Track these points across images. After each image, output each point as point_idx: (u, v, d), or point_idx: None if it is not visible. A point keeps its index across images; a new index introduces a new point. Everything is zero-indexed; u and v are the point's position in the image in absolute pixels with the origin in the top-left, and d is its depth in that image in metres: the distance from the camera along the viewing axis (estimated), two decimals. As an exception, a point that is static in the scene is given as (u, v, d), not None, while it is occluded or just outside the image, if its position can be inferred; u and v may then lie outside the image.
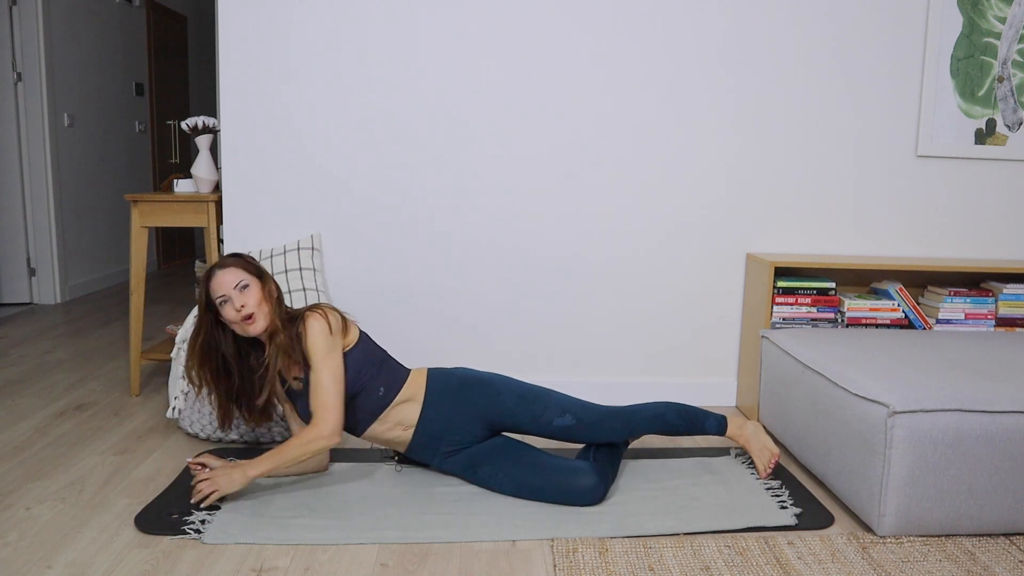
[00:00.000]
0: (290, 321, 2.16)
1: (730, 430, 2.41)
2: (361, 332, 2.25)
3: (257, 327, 2.10)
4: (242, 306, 2.07)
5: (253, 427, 2.46)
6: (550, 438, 2.27)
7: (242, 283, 2.10)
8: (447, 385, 2.25)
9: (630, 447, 2.59)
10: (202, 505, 2.05)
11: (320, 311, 2.14)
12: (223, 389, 2.22)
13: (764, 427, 2.80)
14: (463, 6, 2.86)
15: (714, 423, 2.37)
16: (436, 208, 2.97)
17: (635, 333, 3.08)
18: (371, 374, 2.20)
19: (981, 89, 3.03)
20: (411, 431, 2.24)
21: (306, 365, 2.14)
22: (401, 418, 2.23)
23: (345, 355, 2.18)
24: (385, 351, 2.28)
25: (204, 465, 2.16)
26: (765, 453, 2.39)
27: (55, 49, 4.81)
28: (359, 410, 2.20)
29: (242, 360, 2.22)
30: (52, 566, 1.78)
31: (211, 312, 2.15)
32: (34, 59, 4.65)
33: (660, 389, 3.09)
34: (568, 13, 2.89)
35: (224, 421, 2.27)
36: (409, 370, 2.29)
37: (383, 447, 2.54)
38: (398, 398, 2.22)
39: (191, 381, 2.21)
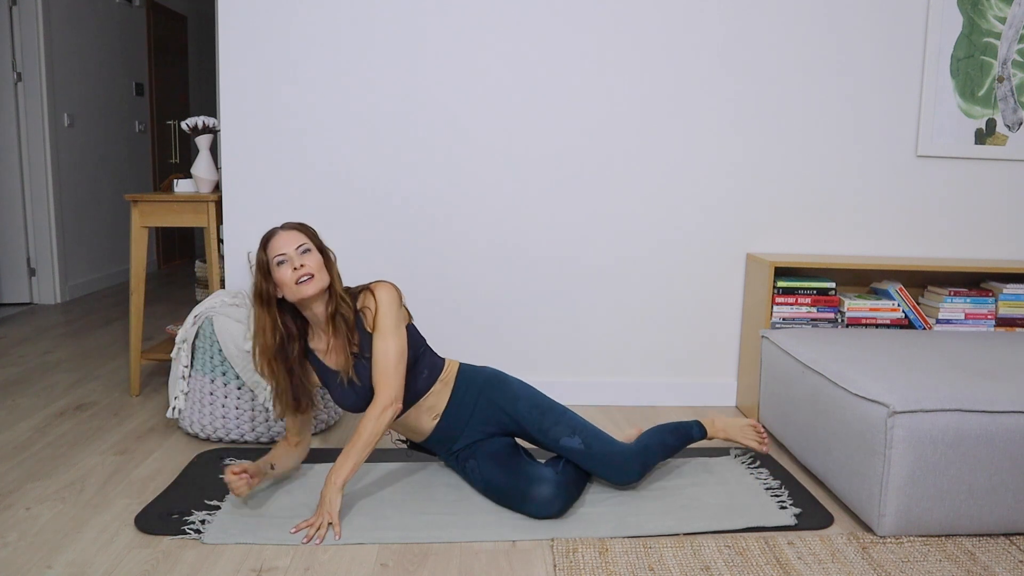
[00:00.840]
0: (350, 296, 2.12)
1: (710, 431, 2.43)
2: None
3: (311, 288, 2.01)
4: (301, 265, 2.01)
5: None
6: (558, 454, 2.21)
7: (304, 246, 2.05)
8: (474, 380, 2.26)
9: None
10: (323, 540, 1.94)
11: (388, 282, 2.13)
12: (285, 370, 2.11)
13: (765, 427, 2.81)
14: (465, 7, 2.86)
15: (697, 429, 2.39)
16: (437, 209, 2.97)
17: (635, 333, 3.08)
18: (419, 354, 2.20)
19: (981, 89, 3.03)
20: (436, 421, 2.23)
21: (364, 336, 2.10)
22: (432, 403, 2.22)
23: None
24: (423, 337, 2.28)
25: (245, 471, 2.04)
26: (748, 431, 2.43)
27: (55, 49, 4.81)
28: (405, 391, 2.15)
29: (288, 347, 2.13)
30: (52, 566, 1.78)
31: (263, 273, 2.05)
32: (34, 59, 4.65)
33: (660, 389, 3.09)
34: (569, 14, 2.89)
35: (292, 404, 2.14)
36: (444, 359, 2.29)
37: (395, 433, 2.51)
38: (436, 386, 2.22)
39: (259, 366, 2.09)
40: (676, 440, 2.33)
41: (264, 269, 2.05)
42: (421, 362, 2.20)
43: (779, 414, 2.60)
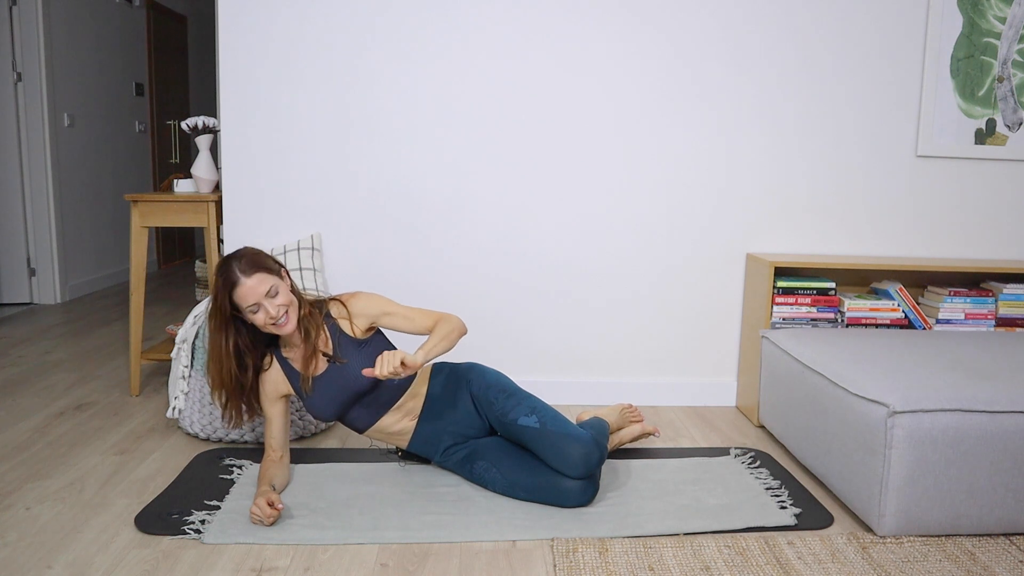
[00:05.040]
0: (314, 304, 2.23)
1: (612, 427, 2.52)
2: None
3: (289, 326, 2.10)
4: (278, 308, 2.07)
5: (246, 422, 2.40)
6: (515, 441, 2.21)
7: (272, 289, 2.07)
8: (450, 373, 2.31)
9: (631, 447, 2.59)
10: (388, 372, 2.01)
11: (359, 292, 2.27)
12: (238, 386, 2.19)
13: (768, 430, 2.81)
14: (465, 8, 2.86)
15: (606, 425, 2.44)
16: (437, 209, 2.97)
17: (635, 333, 3.08)
18: None
19: (981, 89, 3.03)
20: (415, 422, 2.27)
21: (347, 343, 2.19)
22: (410, 407, 2.27)
23: (375, 336, 2.26)
24: None
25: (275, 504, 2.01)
26: (626, 415, 2.58)
27: (55, 49, 4.81)
28: (379, 397, 2.22)
29: (256, 355, 2.22)
30: (52, 566, 1.78)
31: (223, 313, 2.10)
32: (34, 59, 4.65)
33: (660, 389, 3.09)
34: (566, 14, 2.89)
35: (239, 419, 2.24)
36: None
37: (385, 445, 2.55)
38: (410, 390, 2.26)
39: (211, 384, 2.20)
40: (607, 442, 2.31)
41: (225, 310, 2.08)
42: None
43: (779, 414, 2.60)
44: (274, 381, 2.22)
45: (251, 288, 2.05)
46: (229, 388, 2.18)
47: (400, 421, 2.26)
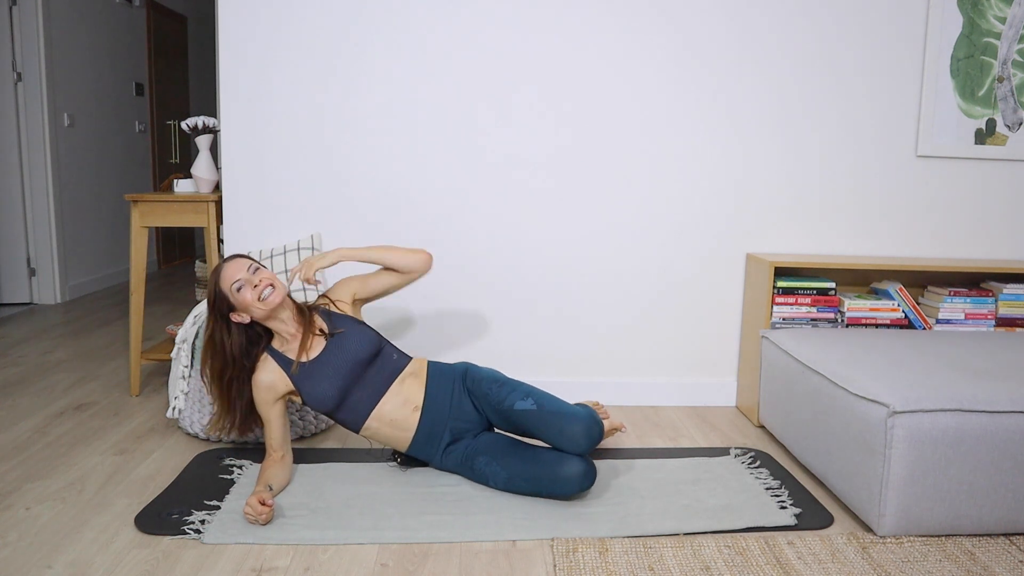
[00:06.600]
0: (304, 305, 2.36)
1: None
2: None
3: (276, 296, 2.18)
4: (260, 280, 2.17)
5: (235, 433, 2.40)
6: (514, 428, 2.22)
7: (253, 266, 2.22)
8: (446, 371, 2.35)
9: (632, 447, 2.59)
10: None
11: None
12: (234, 392, 2.27)
13: (768, 430, 2.81)
14: (465, 7, 2.86)
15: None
16: (437, 209, 2.97)
17: (635, 333, 3.08)
18: (384, 342, 2.34)
19: (981, 89, 3.03)
20: (418, 413, 2.27)
21: (345, 319, 2.30)
22: (409, 394, 2.28)
23: (364, 320, 2.40)
24: None
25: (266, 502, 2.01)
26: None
27: (55, 49, 4.81)
28: (376, 375, 2.27)
29: (248, 360, 2.28)
30: (52, 566, 1.78)
31: (218, 312, 2.23)
32: (34, 59, 4.65)
33: (660, 389, 3.09)
34: (569, 14, 2.89)
35: (235, 427, 2.31)
36: (410, 356, 2.42)
37: (385, 447, 2.55)
38: (407, 369, 2.32)
39: (207, 388, 2.30)
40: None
41: (222, 301, 2.21)
42: (387, 348, 2.34)
43: (779, 414, 2.60)
44: (269, 382, 2.23)
45: (233, 266, 2.22)
46: (232, 387, 2.26)
47: (401, 408, 2.26)
